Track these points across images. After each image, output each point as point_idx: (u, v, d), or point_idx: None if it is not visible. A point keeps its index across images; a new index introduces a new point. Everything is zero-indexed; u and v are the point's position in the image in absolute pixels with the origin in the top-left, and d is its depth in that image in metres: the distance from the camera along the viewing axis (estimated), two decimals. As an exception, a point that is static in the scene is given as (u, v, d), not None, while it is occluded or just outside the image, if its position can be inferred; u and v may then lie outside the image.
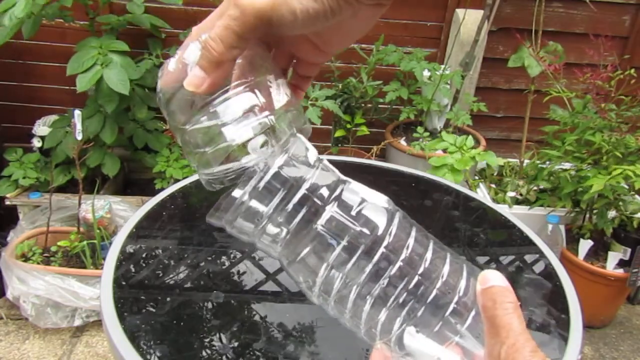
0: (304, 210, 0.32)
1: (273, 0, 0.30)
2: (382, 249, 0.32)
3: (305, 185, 0.33)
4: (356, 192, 0.34)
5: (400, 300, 0.31)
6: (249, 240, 0.35)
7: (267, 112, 0.33)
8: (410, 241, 0.33)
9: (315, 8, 0.31)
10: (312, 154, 0.34)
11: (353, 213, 0.32)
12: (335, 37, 0.36)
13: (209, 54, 0.31)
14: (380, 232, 0.32)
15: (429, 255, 0.33)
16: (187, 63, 0.32)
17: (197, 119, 0.32)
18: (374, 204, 0.33)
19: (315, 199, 0.33)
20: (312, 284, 0.33)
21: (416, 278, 0.31)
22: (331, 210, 0.32)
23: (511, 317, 0.29)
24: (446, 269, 0.32)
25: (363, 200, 0.33)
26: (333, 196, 0.33)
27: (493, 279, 0.31)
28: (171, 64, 0.33)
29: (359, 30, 0.36)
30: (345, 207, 0.33)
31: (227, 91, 0.32)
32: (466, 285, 0.32)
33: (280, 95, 0.34)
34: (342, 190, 0.33)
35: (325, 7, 0.31)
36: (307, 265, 0.33)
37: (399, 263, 0.32)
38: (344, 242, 0.32)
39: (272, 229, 0.33)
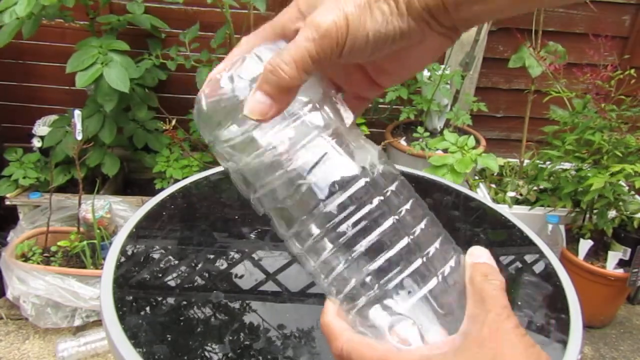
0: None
1: (349, 22, 0.28)
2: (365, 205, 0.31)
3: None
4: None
5: (368, 260, 0.31)
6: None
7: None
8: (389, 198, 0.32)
9: (387, 31, 0.28)
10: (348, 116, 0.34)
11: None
12: (393, 67, 0.34)
13: (279, 78, 0.28)
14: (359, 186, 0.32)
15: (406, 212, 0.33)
16: (244, 79, 0.30)
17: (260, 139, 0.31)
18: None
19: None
20: (290, 233, 0.33)
21: (400, 244, 0.32)
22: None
23: (499, 291, 0.30)
24: (429, 237, 0.33)
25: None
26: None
27: (483, 256, 0.33)
28: (223, 81, 0.31)
29: (419, 62, 0.33)
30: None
31: (300, 108, 0.31)
32: (444, 258, 0.33)
33: (347, 112, 0.34)
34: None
35: (395, 31, 0.29)
36: (286, 213, 0.33)
37: (376, 218, 0.32)
38: (325, 193, 0.31)
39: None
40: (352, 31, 0.28)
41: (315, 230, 0.32)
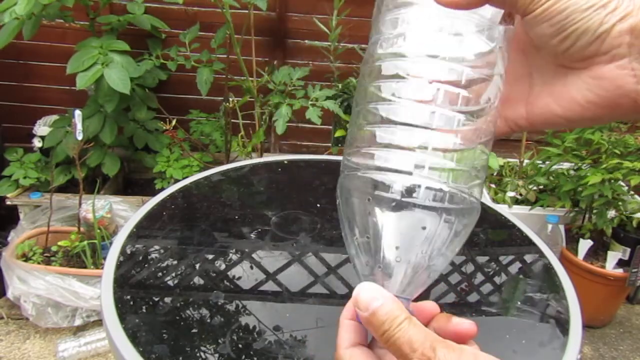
0: None
1: None
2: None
3: None
4: None
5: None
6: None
7: None
8: None
9: (586, 16, 0.27)
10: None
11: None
12: (554, 85, 0.31)
13: None
14: None
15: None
16: None
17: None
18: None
19: None
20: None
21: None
22: None
23: (410, 331, 0.27)
24: None
25: None
26: None
27: (373, 298, 0.29)
28: None
29: (581, 96, 0.30)
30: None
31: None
32: None
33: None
34: None
35: (594, 23, 0.27)
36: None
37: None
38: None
39: None
40: None
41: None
